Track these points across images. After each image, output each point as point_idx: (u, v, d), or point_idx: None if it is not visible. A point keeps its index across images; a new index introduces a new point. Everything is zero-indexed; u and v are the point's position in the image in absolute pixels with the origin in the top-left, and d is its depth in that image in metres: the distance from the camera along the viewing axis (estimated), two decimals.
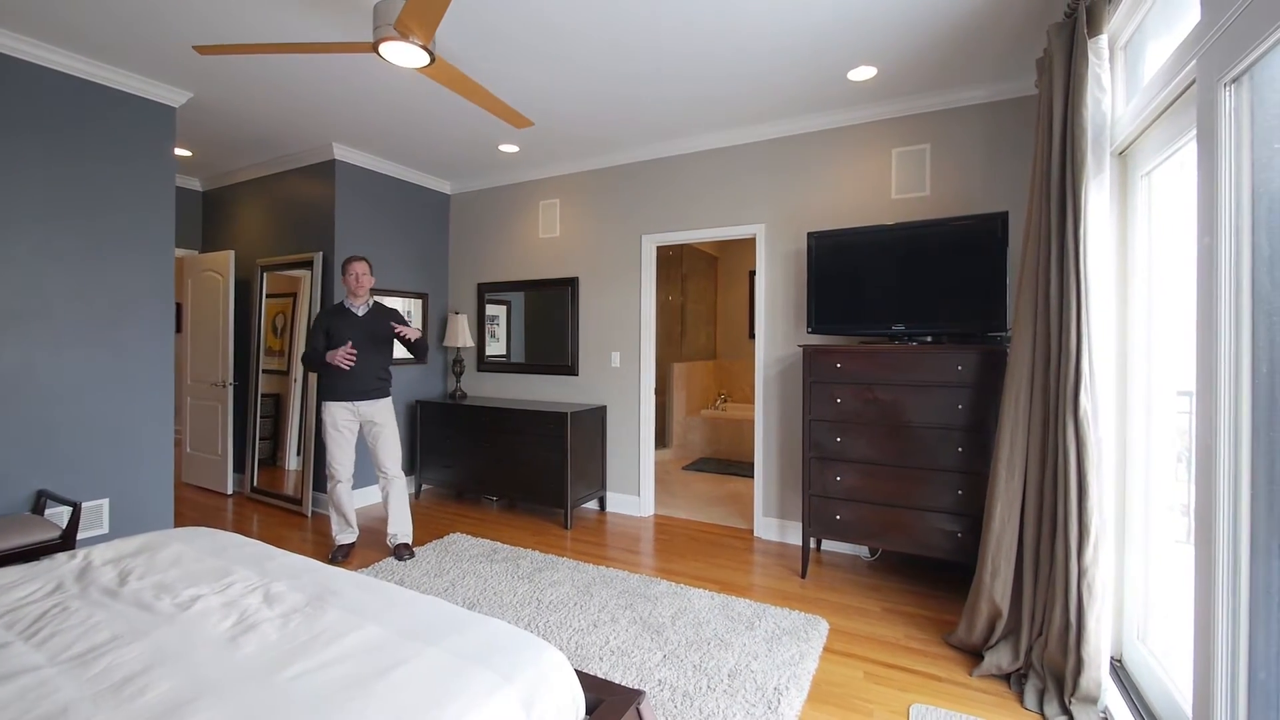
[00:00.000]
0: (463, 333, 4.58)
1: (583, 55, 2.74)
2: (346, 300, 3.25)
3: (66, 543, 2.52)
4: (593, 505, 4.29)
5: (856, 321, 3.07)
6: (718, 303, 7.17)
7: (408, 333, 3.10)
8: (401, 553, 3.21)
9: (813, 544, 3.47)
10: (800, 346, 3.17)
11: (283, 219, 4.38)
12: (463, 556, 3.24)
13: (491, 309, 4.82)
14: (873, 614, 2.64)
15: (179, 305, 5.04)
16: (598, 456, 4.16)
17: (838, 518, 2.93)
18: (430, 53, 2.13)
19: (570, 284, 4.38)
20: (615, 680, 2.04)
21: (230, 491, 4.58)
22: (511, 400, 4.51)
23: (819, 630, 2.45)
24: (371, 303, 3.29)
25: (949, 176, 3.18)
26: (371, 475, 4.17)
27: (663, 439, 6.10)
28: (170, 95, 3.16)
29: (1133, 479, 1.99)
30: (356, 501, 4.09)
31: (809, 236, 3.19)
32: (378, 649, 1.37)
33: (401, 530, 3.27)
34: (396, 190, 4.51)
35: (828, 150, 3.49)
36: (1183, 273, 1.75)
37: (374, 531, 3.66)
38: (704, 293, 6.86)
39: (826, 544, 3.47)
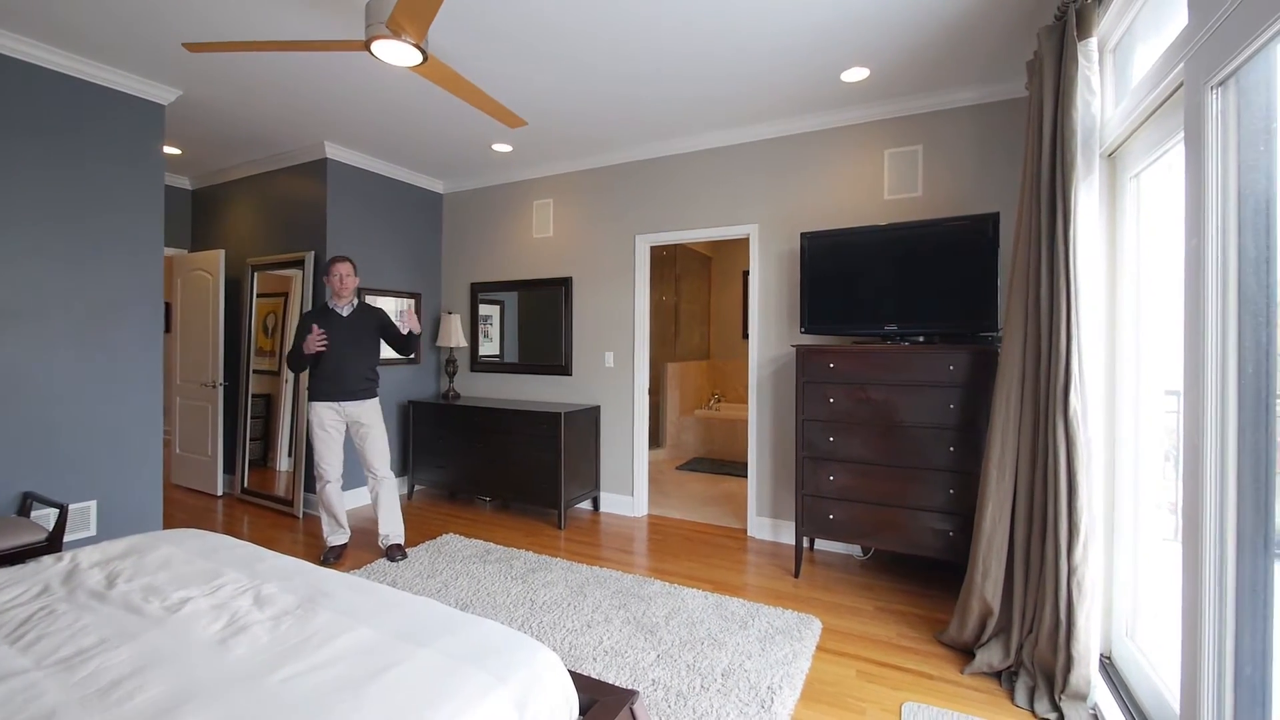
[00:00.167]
0: (456, 333, 4.56)
1: (577, 54, 2.74)
2: (331, 301, 3.23)
3: (53, 545, 2.49)
4: (586, 505, 4.28)
5: (849, 321, 3.09)
6: (711, 303, 7.19)
7: (413, 324, 3.17)
8: (394, 554, 3.19)
9: (806, 543, 3.48)
10: (794, 346, 3.18)
11: (274, 218, 4.35)
12: (456, 557, 3.23)
13: (485, 309, 4.80)
14: (865, 613, 2.66)
15: (168, 305, 4.99)
16: (591, 457, 4.15)
17: (831, 517, 2.94)
18: (423, 51, 2.12)
19: (564, 284, 4.37)
20: (609, 680, 2.04)
21: (220, 493, 4.54)
22: (505, 400, 4.49)
23: (812, 629, 2.46)
24: (356, 303, 3.27)
25: (941, 177, 3.20)
26: (363, 476, 4.15)
27: (656, 439, 6.10)
28: (159, 93, 3.13)
29: (1121, 478, 2.01)
30: (348, 502, 4.07)
31: (802, 237, 3.20)
32: (370, 651, 1.36)
33: (393, 531, 3.25)
34: (389, 189, 4.49)
35: (821, 151, 3.50)
36: (1171, 274, 1.77)
37: (366, 532, 3.64)
38: (698, 293, 6.87)
39: (820, 543, 3.48)
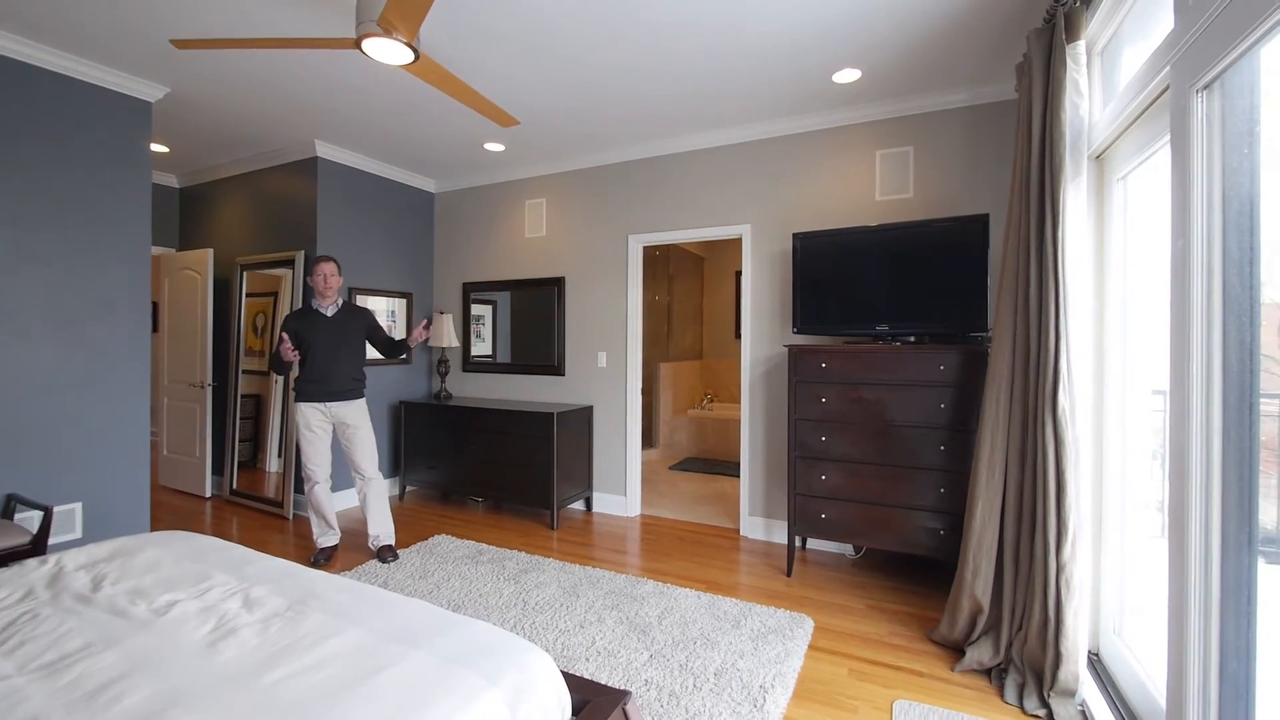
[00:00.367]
0: (448, 333, 4.54)
1: (571, 51, 2.73)
2: (314, 301, 3.19)
3: (37, 548, 2.46)
4: (579, 506, 4.28)
5: (841, 321, 3.10)
6: (704, 303, 7.19)
7: (417, 337, 3.15)
8: (385, 555, 3.17)
9: (798, 543, 3.49)
10: (786, 346, 3.19)
11: (263, 217, 4.31)
12: (447, 558, 3.21)
13: (477, 309, 4.78)
14: (857, 611, 2.67)
15: (155, 304, 4.93)
16: (584, 457, 4.15)
17: (823, 516, 2.95)
18: (414, 50, 2.11)
19: (557, 284, 4.36)
20: (602, 681, 2.04)
21: (209, 494, 4.49)
22: (497, 400, 4.48)
23: (804, 628, 2.47)
24: (341, 303, 3.24)
25: (932, 179, 3.22)
26: (352, 477, 4.12)
27: (649, 439, 6.10)
28: (146, 90, 3.09)
29: (1109, 476, 2.03)
30: (338, 504, 4.04)
31: (795, 237, 3.21)
32: (360, 653, 1.35)
33: (383, 532, 3.23)
34: (380, 188, 4.46)
35: (813, 152, 3.51)
36: (1157, 274, 1.80)
37: (357, 534, 3.61)
38: (690, 293, 6.87)
39: (812, 543, 3.50)
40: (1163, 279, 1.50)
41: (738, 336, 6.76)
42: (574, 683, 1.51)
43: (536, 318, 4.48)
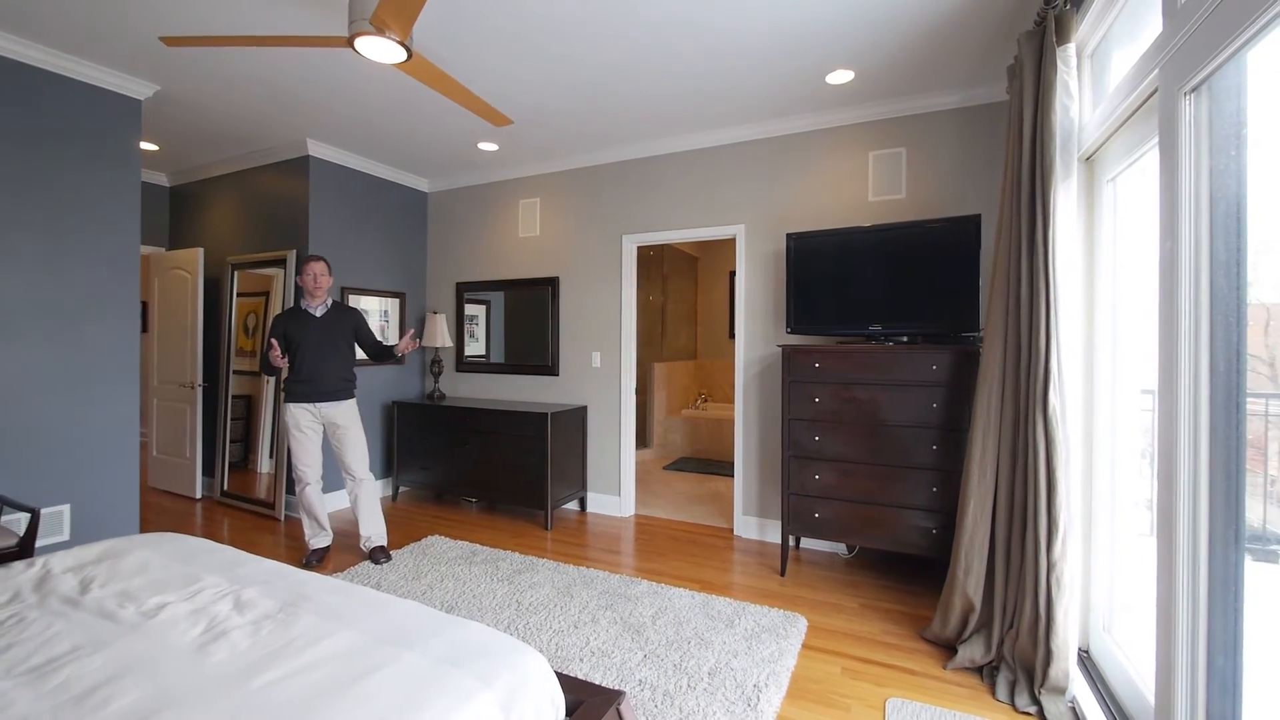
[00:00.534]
0: (441, 333, 4.52)
1: (569, 50, 2.73)
2: (304, 301, 3.17)
3: (24, 550, 2.42)
4: (573, 506, 4.27)
5: (834, 322, 3.11)
6: (698, 303, 7.21)
7: (404, 347, 3.09)
8: (378, 556, 3.15)
9: (792, 542, 3.50)
10: (779, 346, 3.20)
11: (254, 216, 4.28)
12: (441, 559, 3.20)
13: (470, 309, 4.77)
14: (850, 610, 2.68)
15: (145, 304, 4.88)
16: (578, 457, 4.14)
17: (816, 516, 2.96)
18: (407, 48, 2.10)
19: (550, 284, 4.36)
20: (595, 681, 2.04)
21: (199, 496, 4.45)
22: (491, 401, 4.46)
23: (798, 627, 2.48)
24: (330, 303, 3.21)
25: (924, 180, 3.24)
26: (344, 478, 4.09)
27: (643, 439, 6.10)
28: (136, 87, 3.06)
29: (1099, 475, 2.05)
30: (330, 505, 4.01)
31: (788, 238, 3.22)
32: (352, 655, 1.34)
33: (375, 533, 3.21)
34: (373, 188, 4.44)
35: (806, 152, 3.53)
36: (1146, 275, 1.81)
37: (349, 535, 3.59)
38: (684, 293, 6.88)
39: (805, 542, 3.51)
40: (1151, 279, 1.51)
41: (731, 336, 6.78)
42: (568, 683, 1.51)
43: (530, 318, 4.47)
